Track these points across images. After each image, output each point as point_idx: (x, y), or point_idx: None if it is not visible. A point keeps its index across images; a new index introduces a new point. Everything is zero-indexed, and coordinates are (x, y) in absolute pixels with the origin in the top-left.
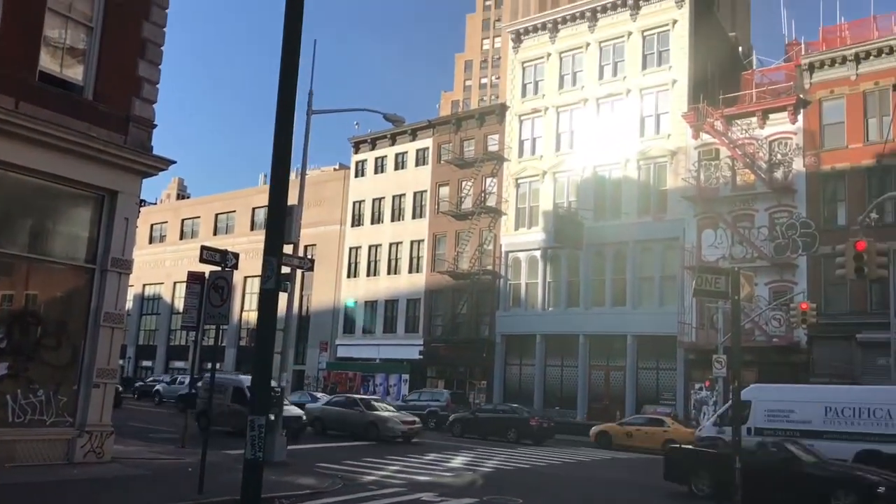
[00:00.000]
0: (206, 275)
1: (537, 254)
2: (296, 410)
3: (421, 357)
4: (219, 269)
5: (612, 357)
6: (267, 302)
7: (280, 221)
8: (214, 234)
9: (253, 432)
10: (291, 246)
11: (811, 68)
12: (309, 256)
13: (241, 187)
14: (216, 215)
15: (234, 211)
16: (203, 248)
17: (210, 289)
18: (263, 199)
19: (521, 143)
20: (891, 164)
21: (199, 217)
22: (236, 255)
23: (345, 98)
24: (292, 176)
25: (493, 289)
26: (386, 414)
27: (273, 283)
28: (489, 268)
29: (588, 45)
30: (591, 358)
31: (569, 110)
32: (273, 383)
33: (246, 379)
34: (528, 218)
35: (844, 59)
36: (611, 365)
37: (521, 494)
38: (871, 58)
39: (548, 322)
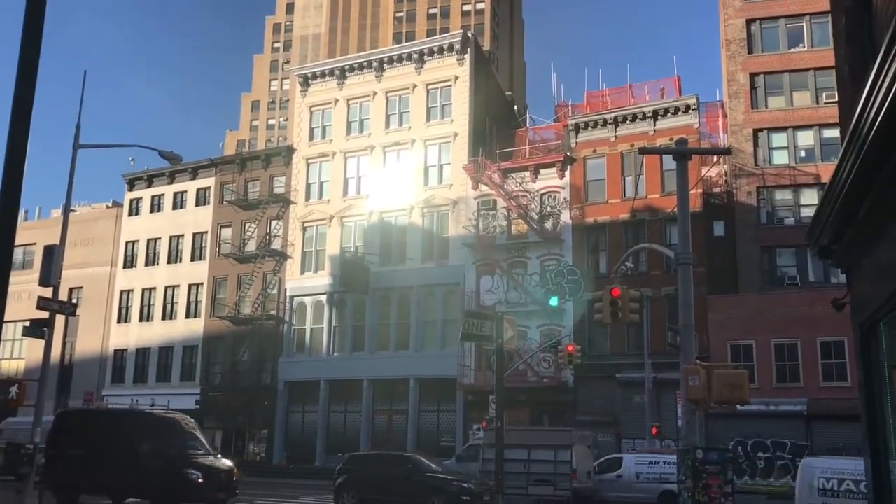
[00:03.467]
0: None
1: (323, 298)
2: None
3: (198, 407)
4: None
5: (396, 401)
6: None
7: None
8: None
9: None
10: (51, 289)
11: (577, 129)
12: (73, 300)
13: None
14: None
15: None
16: None
17: None
18: (23, 236)
19: (309, 186)
20: (643, 219)
21: None
22: None
23: (122, 134)
24: (57, 213)
25: (277, 334)
26: None
27: None
28: (273, 313)
29: (375, 94)
30: (375, 402)
31: (356, 156)
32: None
33: None
34: (315, 262)
35: (605, 122)
36: (394, 409)
37: None
38: (628, 122)
39: (332, 367)
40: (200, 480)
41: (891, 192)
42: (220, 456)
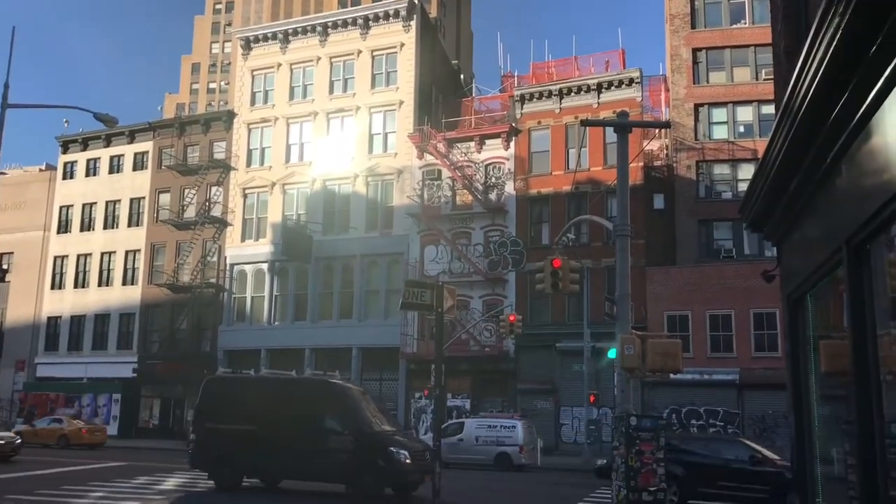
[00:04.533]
0: None
1: (264, 267)
2: None
3: (135, 375)
4: None
5: (338, 369)
6: None
7: None
8: None
9: None
10: None
11: (522, 100)
12: (3, 266)
13: None
14: None
15: None
16: None
17: None
18: None
19: (250, 152)
20: (585, 191)
21: None
22: None
23: (55, 94)
24: None
25: (217, 303)
26: None
27: None
28: (213, 281)
29: (319, 59)
30: (317, 371)
31: (299, 122)
32: None
33: None
34: (256, 230)
35: (550, 94)
36: None
37: None
38: (572, 94)
39: (274, 336)
40: (408, 461)
41: (820, 166)
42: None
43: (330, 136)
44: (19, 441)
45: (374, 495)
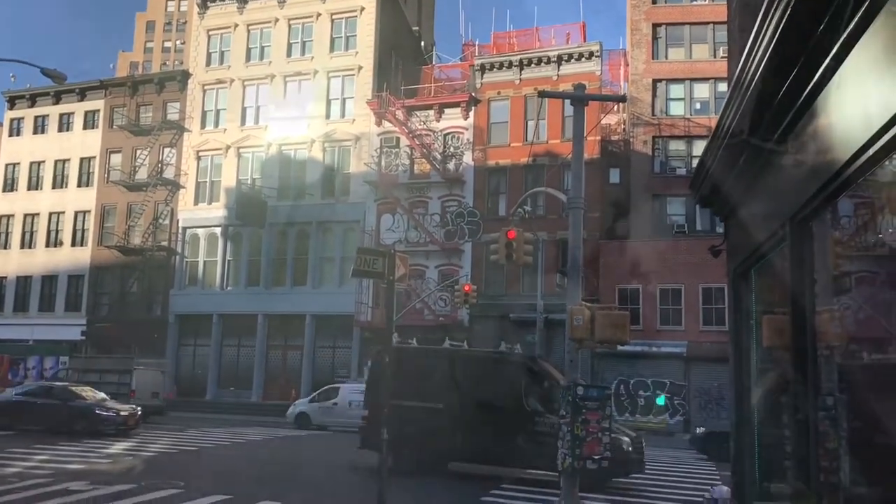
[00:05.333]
0: None
1: (218, 231)
2: None
3: (83, 338)
4: None
5: (291, 336)
6: None
7: None
8: None
9: None
10: None
11: (483, 69)
12: None
13: None
14: None
15: None
16: None
17: None
18: None
19: (204, 113)
20: (543, 163)
21: None
22: None
23: (3, 50)
24: None
25: (168, 266)
26: None
27: None
28: (164, 244)
29: (277, 20)
30: (270, 338)
31: (255, 85)
32: None
33: None
34: (210, 193)
35: (511, 64)
36: (289, 344)
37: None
38: (532, 65)
39: (226, 302)
40: (630, 448)
41: (768, 143)
42: None
43: (287, 100)
44: (140, 412)
45: (594, 486)
